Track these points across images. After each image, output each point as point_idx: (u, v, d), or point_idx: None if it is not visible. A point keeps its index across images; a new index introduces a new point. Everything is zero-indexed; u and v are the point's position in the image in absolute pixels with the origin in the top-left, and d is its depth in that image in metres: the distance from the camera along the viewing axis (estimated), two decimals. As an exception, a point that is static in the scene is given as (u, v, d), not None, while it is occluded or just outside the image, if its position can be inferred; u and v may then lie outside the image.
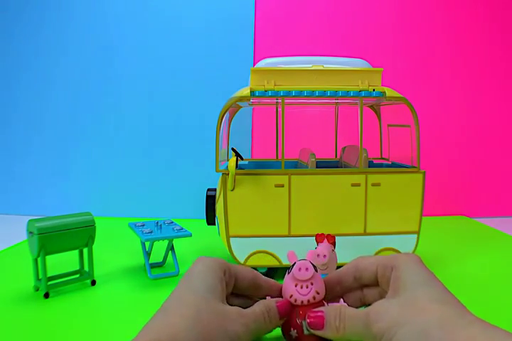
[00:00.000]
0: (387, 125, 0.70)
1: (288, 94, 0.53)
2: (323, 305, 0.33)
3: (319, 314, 0.30)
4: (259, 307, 0.31)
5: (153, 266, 0.59)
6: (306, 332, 0.31)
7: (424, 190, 0.56)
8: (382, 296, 0.33)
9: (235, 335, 0.27)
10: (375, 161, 0.71)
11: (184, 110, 0.90)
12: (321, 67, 0.55)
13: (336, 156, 0.75)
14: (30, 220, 0.48)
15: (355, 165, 0.60)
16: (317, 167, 0.57)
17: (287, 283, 0.33)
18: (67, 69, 0.92)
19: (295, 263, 0.32)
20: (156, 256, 0.61)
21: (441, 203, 0.93)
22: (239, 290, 0.34)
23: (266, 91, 0.53)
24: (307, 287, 0.31)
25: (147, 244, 0.57)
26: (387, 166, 0.67)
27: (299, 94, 0.53)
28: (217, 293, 0.29)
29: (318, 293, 0.32)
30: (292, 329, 0.33)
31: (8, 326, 0.42)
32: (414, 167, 0.56)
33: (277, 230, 0.54)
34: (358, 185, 0.55)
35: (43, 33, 0.92)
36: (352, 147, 0.65)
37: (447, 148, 0.93)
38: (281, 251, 0.54)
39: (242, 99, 0.53)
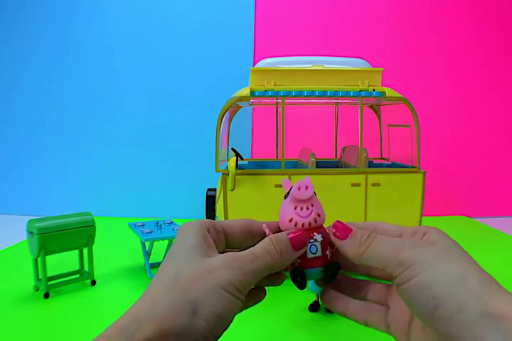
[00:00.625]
0: (387, 125, 0.70)
1: (288, 94, 0.53)
2: (325, 230, 0.30)
3: (346, 226, 0.28)
4: (259, 245, 0.28)
5: (153, 266, 0.59)
6: (310, 255, 0.29)
7: (424, 190, 0.56)
8: None
9: (224, 283, 0.25)
10: (375, 161, 0.71)
11: (184, 110, 0.90)
12: (321, 67, 0.55)
13: (336, 156, 0.75)
14: (30, 220, 0.48)
15: (355, 165, 0.60)
16: (317, 167, 0.57)
17: (285, 207, 0.30)
18: (67, 69, 0.92)
19: (292, 187, 0.29)
20: (156, 256, 0.61)
21: (441, 203, 0.93)
22: (235, 245, 0.31)
23: (266, 91, 0.53)
24: (307, 208, 0.29)
25: (147, 244, 0.57)
26: (387, 166, 0.67)
27: (299, 94, 0.53)
28: (201, 249, 0.27)
29: (319, 216, 0.29)
30: None
31: (8, 326, 0.42)
32: (414, 167, 0.56)
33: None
34: (358, 185, 0.55)
35: (42, 34, 0.92)
36: (352, 147, 0.65)
37: (447, 148, 0.93)
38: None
39: (242, 99, 0.53)
